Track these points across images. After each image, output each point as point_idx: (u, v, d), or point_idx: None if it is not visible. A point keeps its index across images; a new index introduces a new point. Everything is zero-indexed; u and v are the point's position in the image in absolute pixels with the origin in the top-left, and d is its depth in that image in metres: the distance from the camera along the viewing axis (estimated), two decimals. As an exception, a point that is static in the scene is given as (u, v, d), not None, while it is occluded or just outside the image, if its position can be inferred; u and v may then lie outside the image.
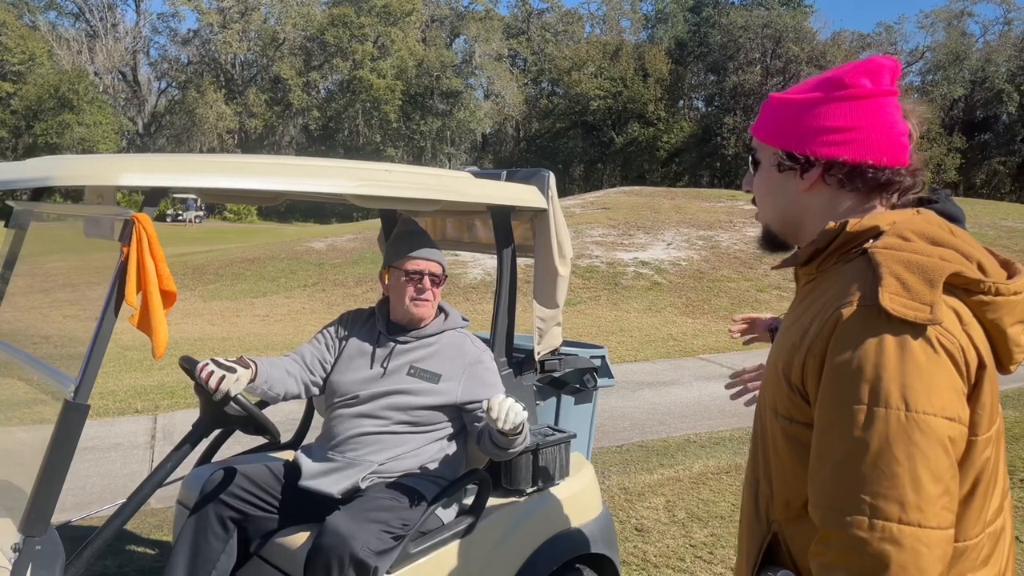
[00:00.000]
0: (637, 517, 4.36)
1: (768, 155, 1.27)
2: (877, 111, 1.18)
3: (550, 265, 2.77)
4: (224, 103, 52.71)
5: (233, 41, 54.18)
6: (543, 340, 2.83)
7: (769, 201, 1.29)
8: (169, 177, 1.83)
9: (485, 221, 3.08)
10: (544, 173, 2.74)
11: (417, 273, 2.49)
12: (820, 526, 1.08)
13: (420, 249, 2.51)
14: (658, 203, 19.86)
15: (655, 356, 8.96)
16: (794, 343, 1.16)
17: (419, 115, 53.40)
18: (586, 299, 12.60)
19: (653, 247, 15.52)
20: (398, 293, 2.51)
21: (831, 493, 1.06)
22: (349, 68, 52.36)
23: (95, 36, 55.53)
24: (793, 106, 1.23)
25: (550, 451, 2.64)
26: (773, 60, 49.45)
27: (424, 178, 2.36)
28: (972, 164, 47.29)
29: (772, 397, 1.21)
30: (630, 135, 53.08)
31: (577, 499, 2.74)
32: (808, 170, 1.21)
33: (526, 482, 2.59)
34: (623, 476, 5.05)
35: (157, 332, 1.76)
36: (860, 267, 1.13)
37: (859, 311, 1.08)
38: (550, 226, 2.73)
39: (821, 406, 1.10)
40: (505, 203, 2.60)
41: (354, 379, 2.50)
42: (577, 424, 3.17)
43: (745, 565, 1.27)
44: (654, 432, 6.04)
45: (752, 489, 1.28)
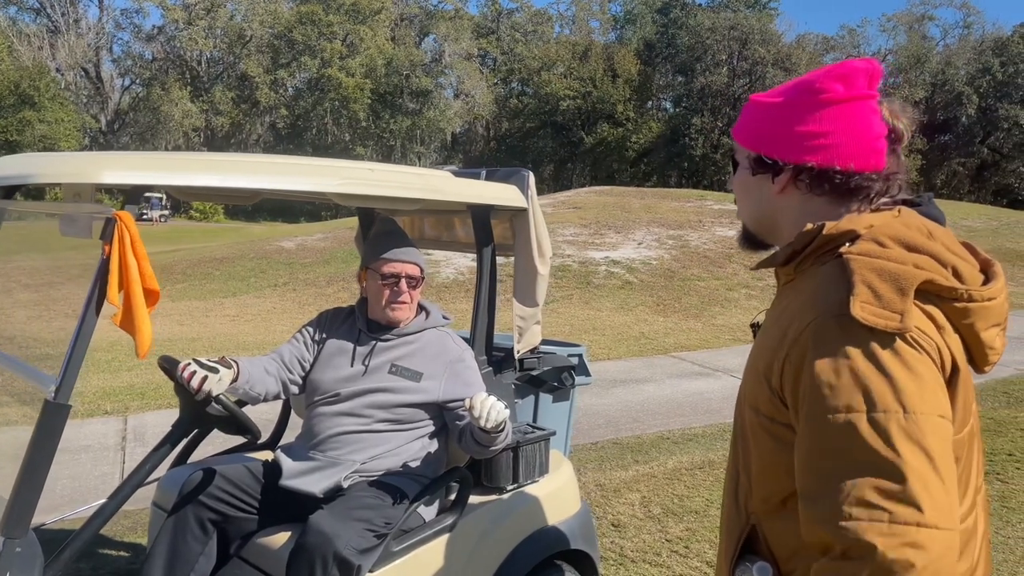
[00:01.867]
0: (613, 513, 4.39)
1: (744, 156, 1.30)
2: (849, 116, 1.19)
3: (530, 264, 2.78)
4: (190, 101, 51.98)
5: (199, 38, 53.45)
6: (523, 339, 2.85)
7: (745, 202, 1.32)
8: (153, 175, 1.80)
9: (464, 220, 3.06)
10: (524, 173, 2.75)
11: (393, 276, 2.46)
12: (833, 541, 1.04)
13: (397, 251, 2.49)
14: (628, 203, 20.00)
15: (628, 354, 9.02)
16: (773, 346, 1.17)
17: (388, 114, 53.13)
18: (559, 298, 12.65)
19: (624, 246, 15.63)
20: (375, 295, 2.50)
21: (840, 506, 1.03)
22: (317, 66, 51.93)
23: (57, 32, 54.39)
24: (767, 110, 1.25)
25: (530, 449, 2.65)
26: (740, 62, 50.07)
27: (407, 177, 2.35)
28: (932, 165, 48.29)
29: (753, 396, 1.22)
30: (599, 135, 53.36)
31: (556, 496, 2.76)
32: (779, 174, 1.23)
33: (506, 479, 2.61)
34: (599, 473, 5.08)
35: (141, 331, 1.75)
36: (834, 272, 1.13)
37: (834, 319, 1.08)
38: (530, 225, 2.74)
39: (808, 419, 1.08)
40: (486, 202, 2.59)
41: (335, 377, 2.48)
42: (555, 422, 3.19)
43: (725, 556, 1.29)
44: (628, 429, 6.09)
45: (732, 482, 1.30)
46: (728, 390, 7.16)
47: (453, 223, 3.20)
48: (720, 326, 10.90)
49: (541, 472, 2.73)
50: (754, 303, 12.35)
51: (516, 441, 2.58)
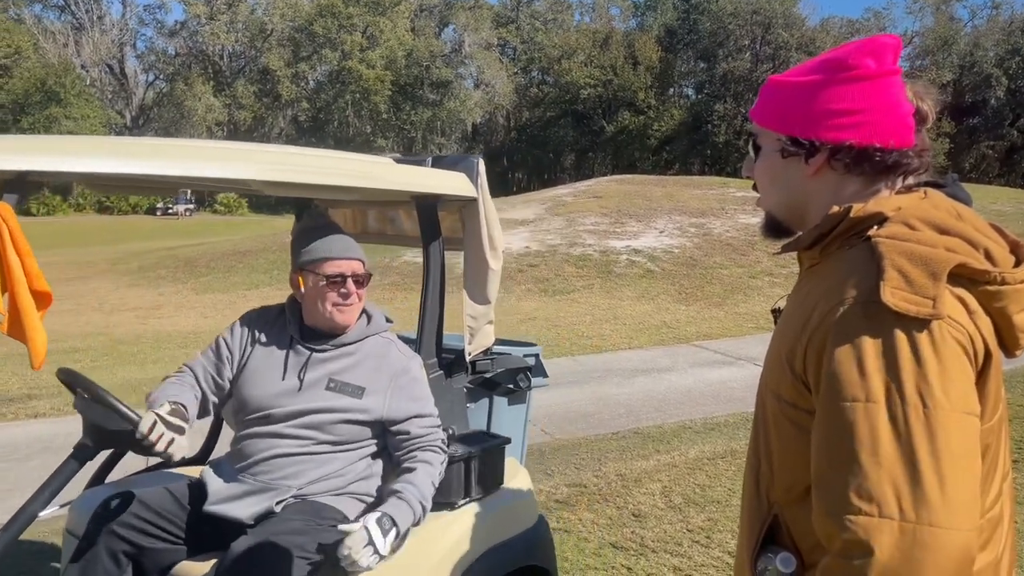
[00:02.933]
0: (634, 503, 4.37)
1: (770, 140, 1.24)
2: (883, 92, 1.16)
3: (480, 259, 2.59)
4: (212, 95, 52.38)
5: (221, 32, 53.76)
6: (474, 339, 2.65)
7: (772, 188, 1.27)
8: (30, 159, 1.54)
9: (410, 212, 2.83)
10: (473, 159, 2.56)
11: (339, 276, 2.18)
12: (839, 536, 1.01)
13: (339, 247, 2.21)
14: (650, 191, 19.87)
15: (649, 343, 8.98)
16: (797, 330, 1.13)
17: (409, 105, 53.19)
18: (579, 287, 12.61)
19: (645, 235, 15.53)
20: (316, 299, 2.20)
21: (849, 499, 1.00)
22: (338, 59, 52.07)
23: (81, 29, 54.97)
24: (796, 89, 1.20)
25: (483, 459, 2.47)
26: (763, 46, 49.51)
27: (341, 163, 2.14)
28: (961, 149, 47.45)
29: (775, 382, 1.18)
30: (620, 123, 53.05)
31: (512, 509, 2.58)
32: (813, 155, 1.18)
33: (458, 494, 2.42)
34: (619, 463, 5.06)
35: (33, 339, 1.52)
36: (863, 256, 1.09)
37: (861, 306, 1.04)
38: (480, 216, 2.54)
39: (826, 406, 1.05)
40: (431, 191, 2.39)
41: (265, 394, 2.21)
42: (511, 426, 3.04)
43: (746, 546, 1.26)
44: (649, 419, 6.06)
45: (753, 471, 1.26)
46: (751, 379, 7.08)
47: (398, 215, 2.96)
48: (743, 314, 10.81)
49: (496, 484, 2.54)
50: (777, 290, 12.23)
51: (468, 452, 2.42)
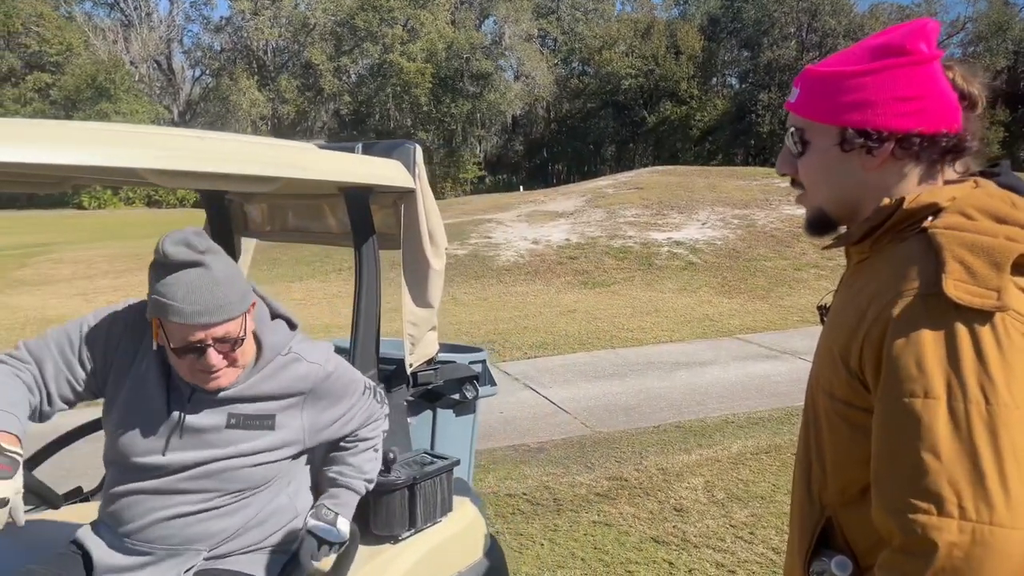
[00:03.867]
0: (676, 497, 4.33)
1: (823, 134, 1.18)
2: (936, 77, 1.13)
3: (420, 257, 2.31)
4: (257, 90, 53.11)
5: (265, 27, 54.47)
6: (416, 348, 2.38)
7: (825, 183, 1.21)
8: None
9: (335, 206, 2.54)
10: (409, 146, 2.27)
11: (190, 345, 1.59)
12: (897, 531, 1.00)
13: (189, 305, 1.56)
14: (692, 182, 19.63)
15: (691, 336, 8.88)
16: (851, 326, 1.10)
17: (449, 98, 53.28)
18: (620, 280, 12.52)
19: (687, 226, 15.35)
20: (173, 359, 1.65)
21: (909, 496, 0.99)
22: (379, 52, 52.40)
23: (130, 25, 56.18)
24: (853, 78, 1.14)
25: (429, 485, 2.20)
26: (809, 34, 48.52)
27: (252, 148, 1.81)
28: (1017, 138, 45.94)
29: (827, 380, 1.15)
30: (662, 114, 52.50)
31: (462, 536, 2.33)
32: (879, 146, 1.13)
33: (401, 525, 2.15)
34: (661, 457, 5.02)
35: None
36: (919, 249, 1.06)
37: (921, 299, 1.02)
38: (419, 210, 2.27)
39: (885, 402, 1.03)
40: (361, 181, 2.10)
41: (147, 446, 1.68)
42: (457, 441, 2.83)
43: (798, 550, 1.23)
44: (691, 412, 6.00)
45: (804, 472, 1.23)
46: (796, 373, 6.97)
47: (323, 211, 2.63)
48: (788, 307, 10.63)
49: (444, 511, 2.28)
50: (824, 283, 12.00)
51: (412, 477, 2.15)
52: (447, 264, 2.49)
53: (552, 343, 8.63)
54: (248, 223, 2.83)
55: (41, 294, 13.40)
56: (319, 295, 12.49)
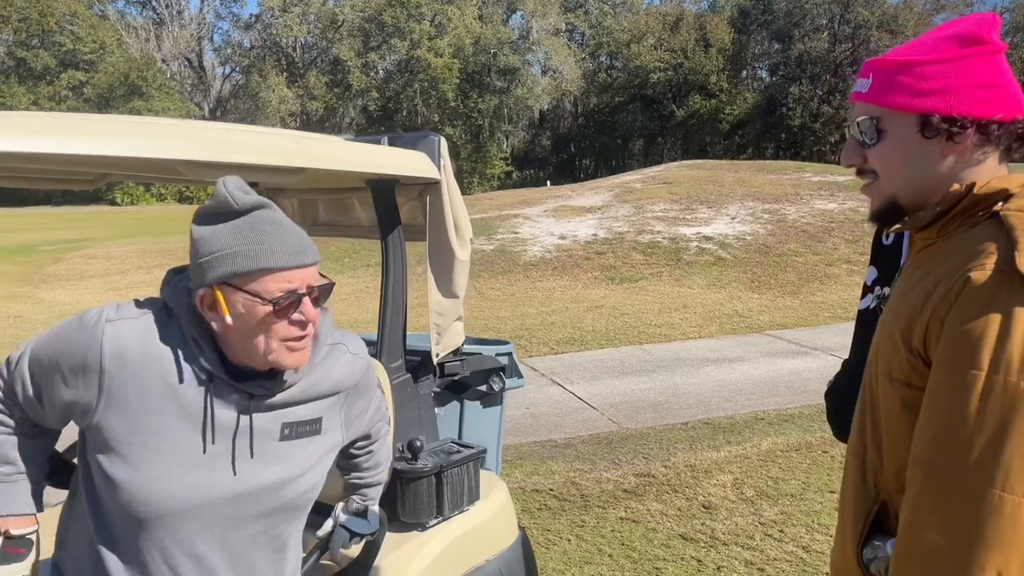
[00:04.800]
0: (704, 494, 4.30)
1: (901, 122, 1.21)
2: (1007, 66, 1.19)
3: (445, 247, 2.33)
4: (286, 86, 53.55)
5: (293, 24, 54.89)
6: (442, 339, 2.39)
7: (903, 170, 1.23)
8: None
9: (363, 199, 2.55)
10: (433, 137, 2.28)
11: (291, 296, 1.30)
12: (921, 483, 1.08)
13: (287, 247, 1.31)
14: (721, 176, 19.43)
15: (720, 332, 8.80)
16: (915, 307, 1.13)
17: (476, 93, 53.29)
18: (647, 275, 12.44)
19: (716, 221, 15.21)
20: (252, 333, 1.31)
21: (939, 455, 1.06)
22: (407, 48, 52.53)
23: (162, 24, 56.92)
24: (930, 66, 1.18)
25: (456, 473, 2.21)
26: (841, 26, 47.73)
27: (279, 140, 1.79)
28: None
29: (887, 364, 1.19)
30: (691, 107, 51.99)
31: (490, 526, 2.33)
32: (962, 132, 1.17)
33: (429, 513, 2.17)
34: (689, 453, 4.98)
35: None
36: (992, 231, 1.10)
37: (992, 276, 1.05)
38: (444, 201, 2.29)
39: (938, 369, 1.08)
40: (387, 172, 2.12)
41: (187, 481, 1.30)
42: (484, 432, 2.83)
43: (850, 535, 1.25)
44: (720, 409, 5.95)
45: (859, 459, 1.26)
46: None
47: (352, 204, 2.64)
48: (819, 303, 10.49)
49: (471, 499, 2.29)
50: (856, 279, 11.82)
51: (440, 465, 2.17)
52: (472, 258, 2.50)
53: (579, 339, 8.61)
54: None
55: (75, 289, 13.65)
56: (348, 290, 12.58)
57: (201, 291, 1.30)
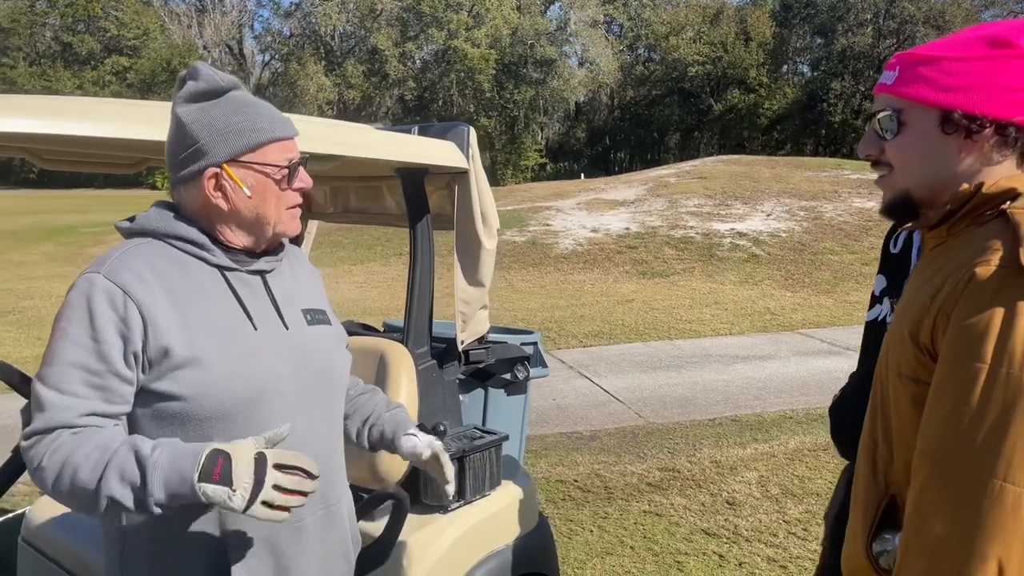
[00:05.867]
0: (729, 491, 4.29)
1: (923, 115, 1.22)
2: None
3: (472, 237, 2.36)
4: (324, 75, 53.97)
5: (332, 13, 55.22)
6: (467, 327, 2.42)
7: (919, 164, 1.24)
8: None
9: (393, 187, 2.60)
10: (463, 128, 2.31)
11: (290, 163, 1.37)
12: (927, 475, 1.10)
13: (281, 120, 1.39)
14: (757, 172, 19.21)
15: (751, 330, 8.73)
16: (923, 304, 1.15)
17: (512, 84, 53.19)
18: (679, 271, 12.37)
19: (751, 218, 15.06)
20: (263, 203, 1.34)
21: (943, 446, 1.08)
22: (444, 38, 52.59)
23: (204, 11, 57.69)
24: (961, 64, 1.20)
25: (478, 458, 2.25)
26: (886, 20, 46.80)
27: (315, 128, 1.82)
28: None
29: (896, 361, 1.21)
30: (729, 102, 51.39)
31: (511, 511, 2.37)
32: (980, 131, 1.18)
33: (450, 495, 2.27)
34: (715, 450, 4.97)
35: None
36: (998, 228, 1.12)
37: (997, 271, 1.07)
38: (472, 190, 2.32)
39: (943, 362, 1.10)
40: (416, 161, 2.15)
41: (257, 361, 1.33)
42: (508, 420, 2.86)
43: (861, 528, 1.27)
44: (748, 407, 5.91)
45: (869, 453, 1.29)
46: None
47: (381, 192, 2.68)
48: (854, 303, 10.35)
49: (492, 484, 2.33)
50: (892, 279, 11.65)
51: (462, 449, 2.21)
52: (502, 249, 2.51)
53: (608, 332, 8.60)
54: (312, 204, 2.93)
55: (116, 270, 13.96)
56: (379, 278, 12.70)
57: (209, 171, 1.31)
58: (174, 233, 1.33)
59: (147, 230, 1.34)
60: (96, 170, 2.15)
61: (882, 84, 1.28)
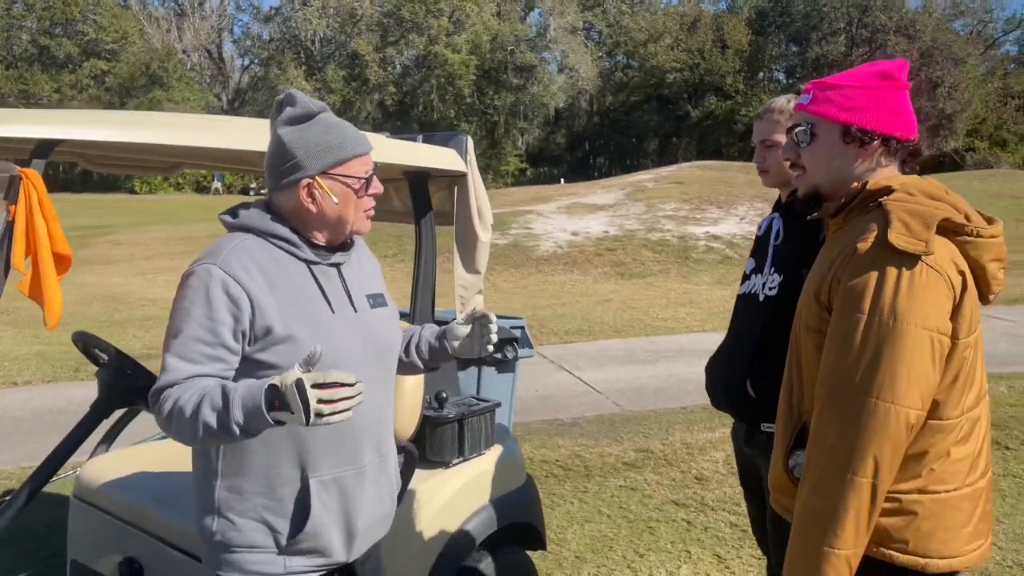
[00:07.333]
0: (697, 468, 4.68)
1: (829, 129, 1.61)
2: (908, 100, 1.60)
3: (470, 231, 2.73)
4: (304, 79, 53.99)
5: (313, 18, 55.34)
6: (466, 309, 2.77)
7: (825, 167, 1.63)
8: (48, 129, 1.66)
9: (399, 188, 2.90)
10: (462, 136, 2.67)
11: (368, 173, 1.70)
12: (823, 399, 1.48)
13: (361, 138, 1.71)
14: (733, 178, 19.74)
15: (722, 328, 9.02)
16: (824, 272, 1.54)
17: (493, 90, 53.59)
18: (656, 272, 12.80)
19: (726, 221, 15.55)
20: (344, 209, 1.67)
21: (834, 377, 1.46)
22: (424, 43, 52.89)
23: (183, 15, 57.54)
24: (861, 91, 1.59)
25: (475, 420, 2.59)
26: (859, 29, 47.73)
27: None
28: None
29: (806, 317, 1.59)
30: (707, 108, 52.13)
31: (502, 469, 2.70)
32: (870, 142, 1.57)
33: (451, 453, 2.53)
34: (686, 433, 5.36)
35: (50, 300, 1.60)
36: (876, 215, 1.51)
37: (872, 246, 1.46)
38: (470, 190, 2.68)
39: (834, 315, 1.49)
40: (423, 165, 2.50)
41: (337, 335, 1.65)
42: (499, 394, 3.14)
43: (781, 449, 1.65)
44: (718, 396, 6.30)
45: (787, 392, 1.66)
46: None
47: (389, 193, 2.95)
48: (821, 302, 10.81)
49: (487, 444, 2.67)
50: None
51: (461, 413, 2.54)
52: (488, 251, 2.88)
53: (588, 330, 8.98)
54: None
55: (104, 272, 14.13)
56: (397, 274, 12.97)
57: (304, 181, 1.62)
58: (271, 232, 1.65)
59: (248, 227, 1.66)
60: (137, 172, 2.56)
61: (799, 104, 1.69)
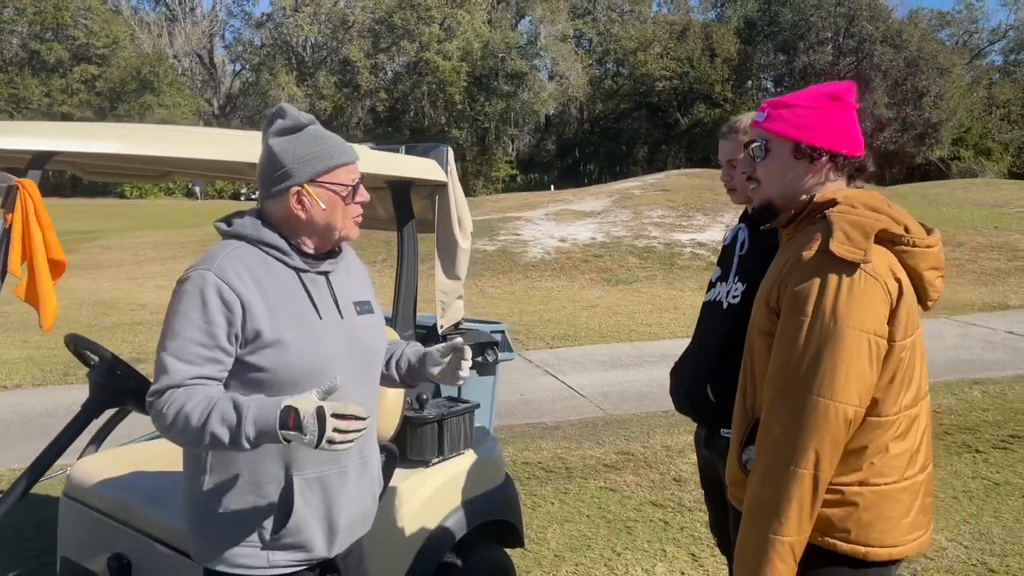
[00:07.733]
0: (676, 470, 4.79)
1: (782, 145, 1.72)
2: (855, 119, 1.72)
3: (451, 238, 2.80)
4: (295, 85, 54.07)
5: (305, 24, 55.43)
6: (446, 313, 2.85)
7: (778, 181, 1.75)
8: (47, 141, 1.73)
9: (382, 197, 2.95)
10: (443, 148, 2.77)
11: (354, 182, 1.78)
12: (770, 396, 1.59)
13: (347, 148, 1.79)
14: (719, 185, 19.70)
15: (707, 333, 9.26)
16: (774, 279, 1.66)
17: (483, 96, 53.79)
18: (641, 278, 12.94)
19: (712, 228, 15.70)
20: (331, 216, 1.74)
21: (780, 375, 1.58)
22: (416, 50, 53.06)
23: (174, 20, 57.58)
24: (811, 111, 1.71)
25: (454, 421, 2.66)
26: (846, 39, 48.20)
27: None
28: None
29: (758, 321, 1.70)
30: (696, 116, 52.46)
31: (482, 468, 2.77)
32: (819, 158, 1.69)
33: (432, 452, 2.60)
34: (666, 436, 5.47)
35: (45, 303, 1.68)
36: (821, 226, 1.63)
37: (816, 254, 1.58)
38: (450, 199, 2.76)
39: (781, 318, 1.61)
40: (405, 175, 2.59)
41: (324, 340, 1.74)
42: (480, 396, 3.18)
43: (736, 445, 1.77)
44: (699, 400, 6.42)
45: (742, 391, 1.77)
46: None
47: (372, 201, 3.07)
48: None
49: (466, 445, 2.74)
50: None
51: (441, 414, 2.61)
52: (473, 258, 2.96)
53: (573, 335, 9.09)
54: None
55: (93, 277, 14.16)
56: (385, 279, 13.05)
57: (293, 189, 1.70)
58: (263, 240, 1.73)
59: (242, 235, 1.74)
60: (128, 181, 2.64)
61: (755, 121, 1.81)
